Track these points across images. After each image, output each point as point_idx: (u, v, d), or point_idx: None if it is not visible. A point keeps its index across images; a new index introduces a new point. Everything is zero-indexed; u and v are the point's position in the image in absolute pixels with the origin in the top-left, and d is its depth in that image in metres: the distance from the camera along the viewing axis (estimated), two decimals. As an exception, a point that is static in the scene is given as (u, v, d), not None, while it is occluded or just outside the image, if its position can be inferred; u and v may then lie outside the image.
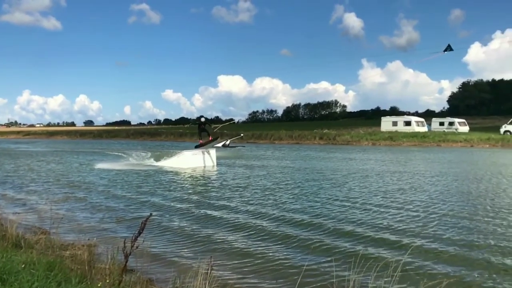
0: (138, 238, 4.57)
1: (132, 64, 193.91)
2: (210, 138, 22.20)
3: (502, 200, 10.68)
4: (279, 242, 7.13)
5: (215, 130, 23.82)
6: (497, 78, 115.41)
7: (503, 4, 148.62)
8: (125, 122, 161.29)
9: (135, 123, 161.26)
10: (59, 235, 7.02)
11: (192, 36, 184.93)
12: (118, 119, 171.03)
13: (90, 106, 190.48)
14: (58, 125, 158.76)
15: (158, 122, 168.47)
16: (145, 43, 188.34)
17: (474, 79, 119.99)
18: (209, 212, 9.68)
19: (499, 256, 6.14)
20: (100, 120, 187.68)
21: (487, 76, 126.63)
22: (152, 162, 23.26)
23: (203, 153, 21.04)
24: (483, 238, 7.14)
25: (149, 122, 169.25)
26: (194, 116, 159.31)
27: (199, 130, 22.35)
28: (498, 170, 17.93)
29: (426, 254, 6.30)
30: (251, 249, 6.75)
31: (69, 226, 8.50)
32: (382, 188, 13.04)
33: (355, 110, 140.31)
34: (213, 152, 21.51)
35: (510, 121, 45.30)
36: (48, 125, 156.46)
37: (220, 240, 7.30)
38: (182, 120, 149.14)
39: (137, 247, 4.55)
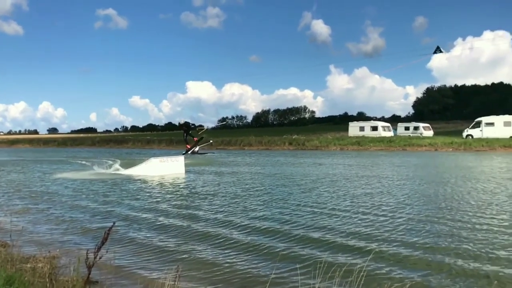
0: (102, 249, 4.41)
1: (98, 70, 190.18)
2: (195, 139, 22.06)
3: (467, 203, 10.96)
4: (248, 250, 7.06)
5: (199, 133, 23.61)
6: (459, 83, 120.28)
7: (464, 13, 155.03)
8: (91, 130, 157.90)
9: (101, 131, 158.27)
10: (20, 248, 6.72)
11: (160, 42, 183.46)
12: (83, 127, 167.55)
13: (54, 113, 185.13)
14: (19, 133, 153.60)
15: (125, 129, 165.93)
16: (112, 48, 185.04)
17: (437, 84, 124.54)
18: (177, 221, 9.51)
19: (463, 259, 6.26)
20: (64, 128, 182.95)
21: (450, 82, 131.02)
22: (119, 170, 22.75)
23: (171, 160, 20.79)
24: (449, 241, 7.28)
25: (116, 129, 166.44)
26: (162, 122, 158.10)
27: (184, 135, 22.02)
28: (462, 173, 18.50)
29: (392, 259, 6.37)
30: (220, 258, 6.66)
31: (30, 238, 8.16)
32: (350, 192, 13.20)
33: (324, 116, 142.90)
34: (181, 159, 21.25)
35: (471, 125, 47.08)
36: (9, 133, 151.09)
37: (188, 250, 7.16)
38: (150, 127, 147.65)
39: (100, 258, 4.39)
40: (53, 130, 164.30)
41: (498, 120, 45.33)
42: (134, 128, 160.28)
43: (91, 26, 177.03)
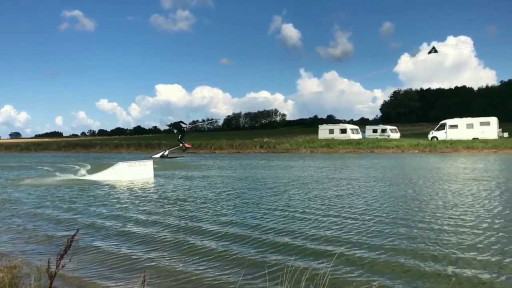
0: (65, 258, 4.23)
1: (64, 72, 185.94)
2: (187, 145, 22.07)
3: (435, 205, 11.12)
4: (218, 256, 6.95)
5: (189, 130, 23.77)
6: (425, 87, 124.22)
7: (428, 18, 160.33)
8: (57, 134, 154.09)
9: (68, 135, 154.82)
10: (-22, 259, 6.40)
11: (129, 44, 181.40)
12: (48, 131, 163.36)
13: (16, 117, 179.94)
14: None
15: (92, 133, 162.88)
16: (78, 51, 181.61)
17: (404, 88, 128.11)
18: (145, 227, 9.30)
19: (432, 261, 6.33)
20: (28, 132, 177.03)
21: (416, 86, 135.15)
22: (86, 175, 22.20)
23: (140, 164, 20.43)
24: (418, 242, 7.35)
25: (83, 133, 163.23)
26: (130, 126, 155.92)
27: (179, 135, 21.92)
28: (429, 175, 18.94)
29: (360, 261, 6.39)
30: (188, 265, 6.54)
31: (-11, 248, 7.81)
32: (321, 195, 13.27)
33: (294, 119, 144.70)
34: (150, 163, 20.92)
35: (436, 127, 48.58)
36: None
37: (156, 257, 6.99)
38: (118, 131, 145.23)
39: (63, 267, 4.21)
40: (15, 135, 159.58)
41: (461, 122, 46.97)
42: (101, 132, 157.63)
43: (56, 27, 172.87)
